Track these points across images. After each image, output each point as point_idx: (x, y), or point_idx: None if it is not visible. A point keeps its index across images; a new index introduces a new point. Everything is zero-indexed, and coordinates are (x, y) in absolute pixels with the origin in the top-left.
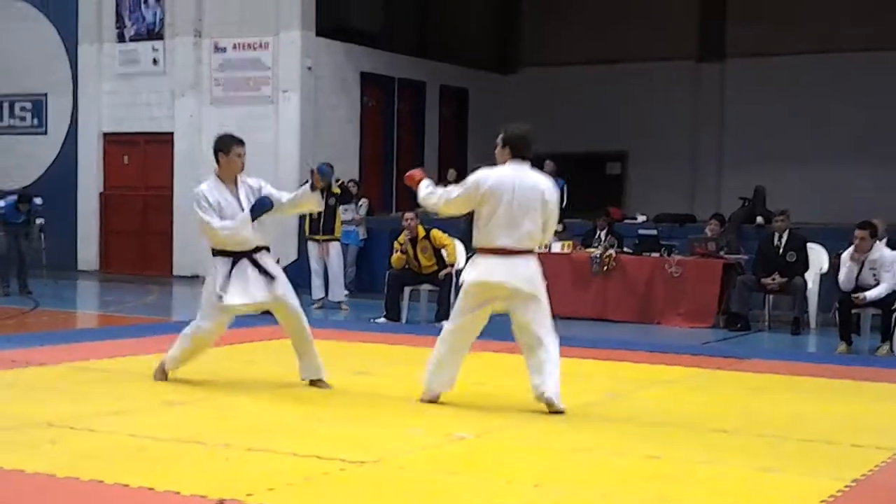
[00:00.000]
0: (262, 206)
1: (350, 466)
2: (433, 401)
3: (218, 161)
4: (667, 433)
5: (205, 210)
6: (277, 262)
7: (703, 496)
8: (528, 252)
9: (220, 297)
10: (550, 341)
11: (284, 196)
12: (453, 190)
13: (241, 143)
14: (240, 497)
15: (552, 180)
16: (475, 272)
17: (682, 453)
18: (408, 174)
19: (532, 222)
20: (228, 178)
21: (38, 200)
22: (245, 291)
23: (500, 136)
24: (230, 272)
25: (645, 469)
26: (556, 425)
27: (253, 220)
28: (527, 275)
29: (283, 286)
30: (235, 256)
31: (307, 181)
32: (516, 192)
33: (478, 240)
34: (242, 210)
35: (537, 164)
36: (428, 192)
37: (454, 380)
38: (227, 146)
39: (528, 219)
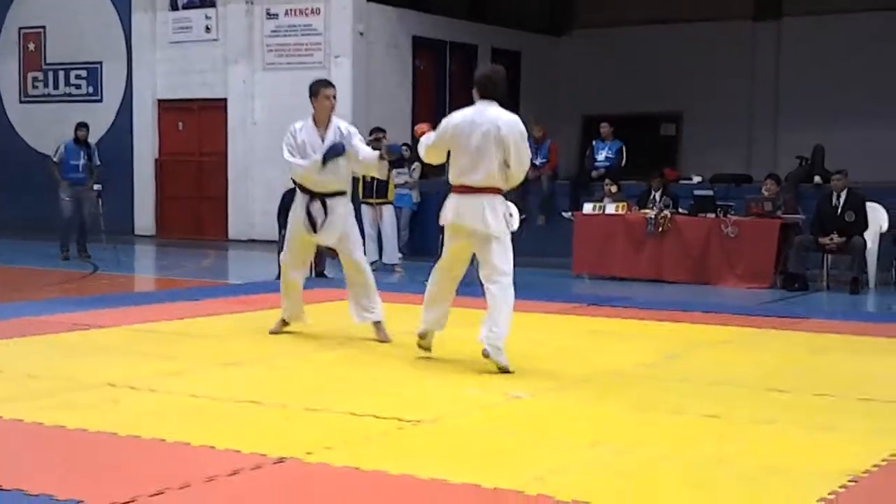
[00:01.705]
0: (334, 151)
1: (407, 426)
2: (424, 336)
3: (313, 105)
4: (725, 393)
5: (288, 145)
6: None
7: (763, 455)
8: (492, 190)
9: (291, 230)
10: (496, 286)
11: (362, 151)
12: (431, 135)
13: (329, 85)
14: (299, 455)
15: (613, 143)
16: (444, 211)
17: (740, 413)
18: (417, 126)
19: (491, 160)
20: (321, 120)
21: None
22: (316, 230)
23: None
24: (306, 209)
25: (703, 429)
26: (613, 385)
27: (324, 164)
28: (483, 215)
29: (349, 239)
30: (311, 195)
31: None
32: (476, 131)
33: (449, 178)
34: None
35: (594, 126)
36: (421, 142)
37: (444, 318)
38: (316, 89)
39: (488, 156)
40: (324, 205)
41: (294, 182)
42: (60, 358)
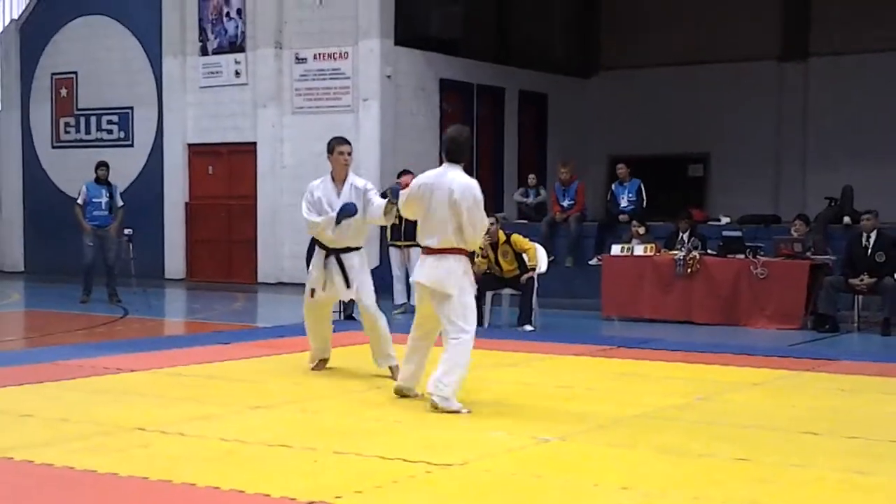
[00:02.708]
0: (346, 212)
1: (436, 469)
2: (399, 391)
3: (330, 162)
4: (756, 435)
5: (306, 202)
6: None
7: (795, 499)
8: (452, 251)
9: (312, 292)
10: (453, 342)
11: (371, 209)
12: (404, 194)
13: (344, 142)
14: (328, 499)
15: (631, 183)
16: (415, 272)
17: (772, 456)
18: (402, 179)
19: (448, 222)
20: (338, 176)
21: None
22: (328, 285)
23: None
24: (323, 265)
25: (735, 472)
26: (643, 428)
27: (337, 223)
28: (440, 275)
29: (362, 288)
30: (328, 251)
31: (388, 189)
32: (435, 194)
33: (417, 237)
34: None
35: (611, 167)
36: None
37: (419, 374)
38: (331, 146)
39: (444, 219)
40: (339, 260)
41: (314, 240)
42: (91, 402)
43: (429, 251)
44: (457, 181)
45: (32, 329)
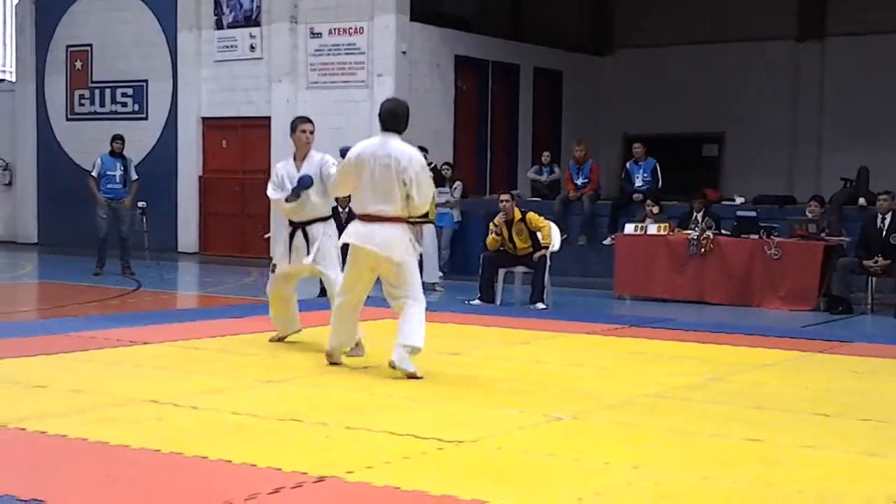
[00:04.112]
0: (302, 183)
1: (448, 446)
2: (330, 355)
3: (293, 140)
4: (768, 416)
5: (271, 182)
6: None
7: (805, 480)
8: (393, 219)
9: (274, 267)
10: (409, 304)
11: (332, 171)
12: (337, 167)
13: (306, 121)
14: (339, 474)
15: (646, 162)
16: (347, 236)
17: (783, 437)
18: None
19: (392, 189)
20: (299, 154)
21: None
22: (293, 258)
23: None
24: (289, 239)
25: (746, 452)
26: (655, 407)
27: (296, 196)
28: (385, 241)
29: (326, 259)
30: (294, 225)
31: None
32: (377, 162)
33: (353, 207)
34: None
35: (626, 145)
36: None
37: (352, 338)
38: (293, 125)
39: (387, 187)
40: (304, 233)
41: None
42: (104, 374)
43: (370, 218)
44: (401, 150)
45: (46, 300)
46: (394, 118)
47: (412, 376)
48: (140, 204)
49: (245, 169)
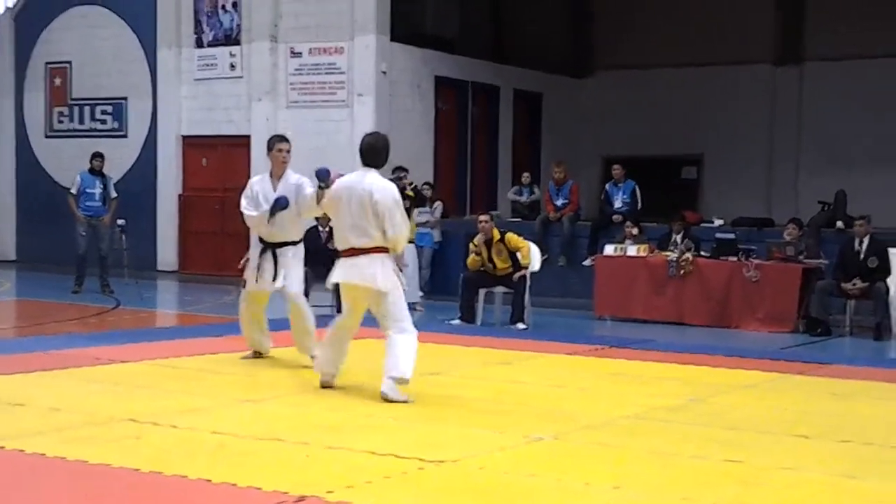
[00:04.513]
0: (278, 205)
1: (429, 466)
2: (325, 383)
3: (269, 159)
4: (747, 438)
5: (245, 197)
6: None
7: (785, 502)
8: (374, 250)
9: (244, 283)
10: (395, 333)
11: (304, 202)
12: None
13: (282, 140)
14: (320, 494)
15: (626, 184)
16: (336, 273)
17: (762, 459)
18: (333, 178)
19: (368, 223)
20: (275, 172)
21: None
22: (259, 278)
23: None
24: (259, 258)
25: (725, 473)
26: (635, 428)
27: (272, 215)
28: (369, 273)
29: (288, 278)
30: (264, 245)
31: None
32: (353, 197)
33: (335, 242)
34: None
35: (605, 167)
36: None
37: (340, 361)
38: (270, 144)
39: (364, 220)
40: (274, 255)
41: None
42: (83, 392)
43: (352, 252)
44: (375, 184)
45: (24, 318)
46: (373, 153)
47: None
48: (119, 222)
49: (225, 187)
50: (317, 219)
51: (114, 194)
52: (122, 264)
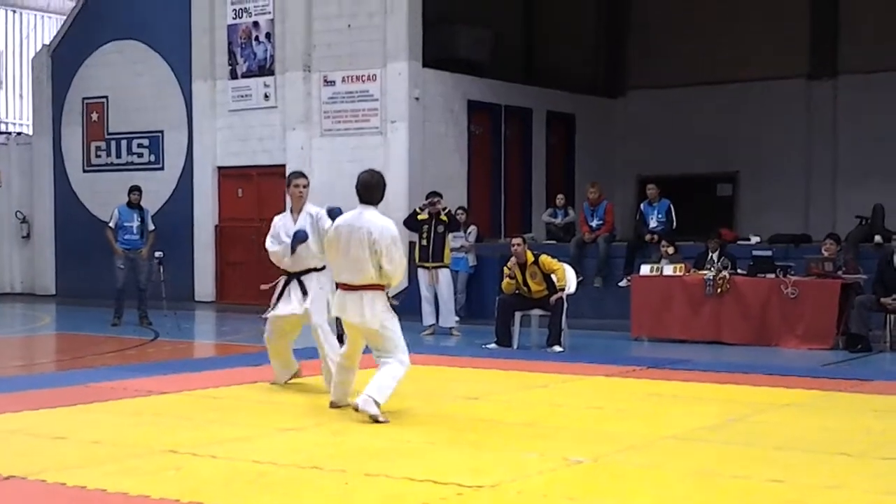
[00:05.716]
0: (297, 238)
1: (467, 491)
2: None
3: (288, 195)
4: (789, 457)
5: (270, 235)
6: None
7: None
8: (369, 287)
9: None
10: (385, 364)
11: (326, 227)
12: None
13: (300, 176)
14: None
15: (660, 203)
16: (333, 307)
17: (805, 478)
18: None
19: (365, 260)
20: (294, 207)
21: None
22: (284, 306)
23: None
24: (283, 288)
25: (768, 493)
26: (675, 449)
27: (293, 250)
28: (362, 312)
29: (311, 304)
30: (289, 276)
31: (415, 210)
32: (352, 234)
33: (333, 275)
34: None
35: (640, 186)
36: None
37: (350, 390)
38: (289, 181)
39: (359, 257)
40: (300, 283)
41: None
42: (123, 424)
43: (347, 287)
44: (374, 222)
45: (64, 352)
46: (368, 190)
47: (375, 420)
48: (157, 254)
49: (261, 217)
50: None
51: (151, 227)
52: (160, 296)
